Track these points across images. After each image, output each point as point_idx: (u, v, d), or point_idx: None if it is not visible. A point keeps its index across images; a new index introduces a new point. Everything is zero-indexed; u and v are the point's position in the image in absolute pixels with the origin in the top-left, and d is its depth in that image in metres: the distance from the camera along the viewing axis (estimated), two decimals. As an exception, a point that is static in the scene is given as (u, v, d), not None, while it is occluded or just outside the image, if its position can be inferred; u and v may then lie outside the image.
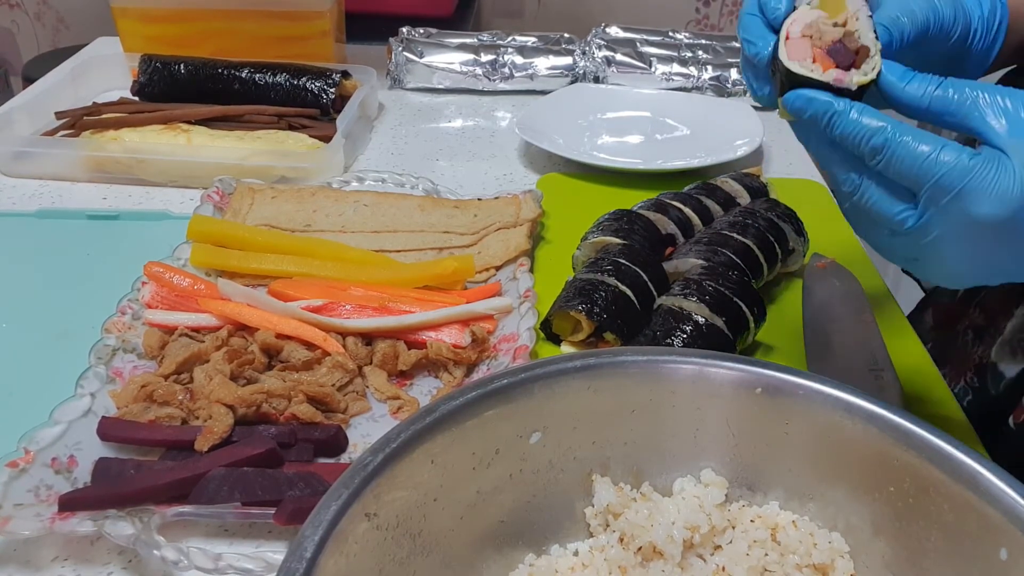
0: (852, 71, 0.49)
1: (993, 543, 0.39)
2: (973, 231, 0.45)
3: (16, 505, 0.51)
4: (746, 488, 0.48)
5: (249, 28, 1.15)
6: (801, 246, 0.79)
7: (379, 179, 0.92)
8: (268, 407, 0.60)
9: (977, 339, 0.78)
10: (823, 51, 0.51)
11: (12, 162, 0.95)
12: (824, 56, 0.51)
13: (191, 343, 0.65)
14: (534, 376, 0.46)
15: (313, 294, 0.70)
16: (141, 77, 1.07)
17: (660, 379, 0.47)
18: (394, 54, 1.20)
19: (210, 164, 0.91)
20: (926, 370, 0.69)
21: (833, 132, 0.47)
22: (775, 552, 0.45)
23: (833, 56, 0.50)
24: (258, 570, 0.48)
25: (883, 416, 0.43)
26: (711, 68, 1.18)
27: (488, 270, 0.77)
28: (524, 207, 0.84)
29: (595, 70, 1.19)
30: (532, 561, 0.46)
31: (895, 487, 0.43)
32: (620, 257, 0.71)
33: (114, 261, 0.79)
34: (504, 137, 1.10)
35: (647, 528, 0.45)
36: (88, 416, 0.57)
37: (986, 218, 0.44)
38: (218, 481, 0.52)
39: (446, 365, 0.66)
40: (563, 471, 0.47)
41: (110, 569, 0.51)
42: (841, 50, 0.50)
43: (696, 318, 0.65)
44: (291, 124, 1.02)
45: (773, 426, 0.47)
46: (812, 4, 0.53)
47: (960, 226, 0.45)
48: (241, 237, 0.77)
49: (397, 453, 0.41)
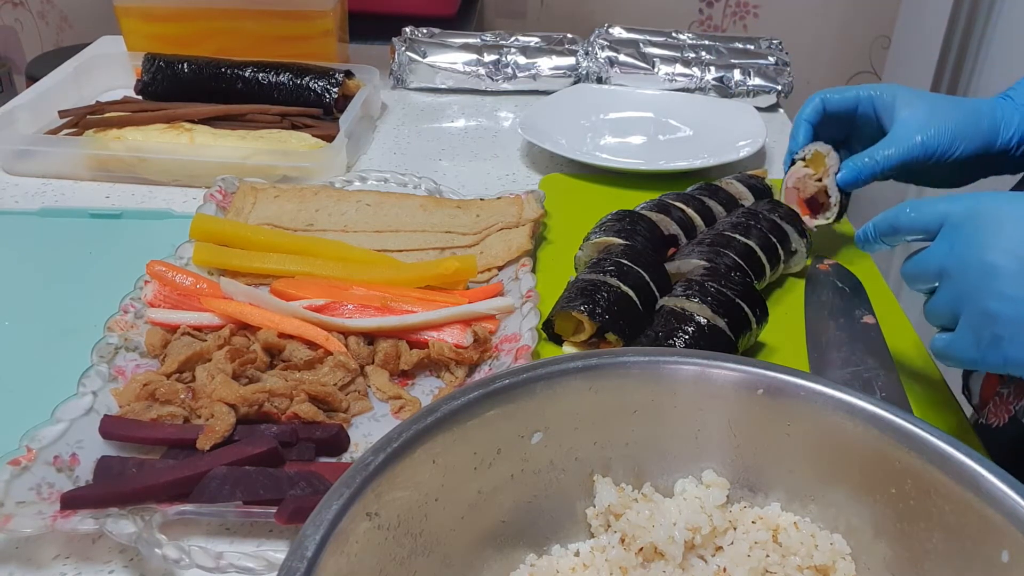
0: (817, 216, 0.80)
1: (994, 545, 0.39)
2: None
3: (18, 503, 0.51)
4: (747, 489, 0.48)
5: (252, 27, 1.15)
6: (803, 247, 0.79)
7: (381, 179, 0.92)
8: (270, 406, 0.60)
9: None
10: (802, 200, 0.81)
11: (15, 160, 0.95)
12: (802, 203, 0.81)
13: (193, 342, 0.65)
14: (536, 376, 0.46)
15: (315, 293, 0.70)
16: (144, 76, 1.07)
17: (662, 380, 0.47)
18: (397, 54, 1.21)
19: (213, 163, 0.91)
20: (928, 372, 0.69)
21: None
22: (776, 553, 0.45)
23: (808, 204, 0.81)
24: (259, 569, 0.48)
25: (885, 418, 0.43)
26: (714, 69, 1.18)
27: (490, 270, 0.77)
28: (526, 207, 0.84)
29: (598, 71, 1.19)
30: (533, 561, 0.46)
31: (896, 488, 0.43)
32: (622, 258, 0.71)
33: (116, 260, 0.80)
34: (507, 137, 1.10)
35: (648, 529, 0.45)
36: (90, 414, 0.57)
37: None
38: (219, 480, 0.52)
39: (448, 365, 0.66)
40: (564, 471, 0.47)
41: (111, 567, 0.51)
42: (814, 201, 0.80)
43: (698, 319, 0.65)
44: (294, 123, 1.02)
45: (774, 427, 0.47)
46: (805, 160, 0.80)
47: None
48: (243, 236, 0.77)
49: (398, 453, 0.41)
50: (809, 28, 2.27)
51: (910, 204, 0.55)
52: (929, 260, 0.53)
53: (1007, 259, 0.48)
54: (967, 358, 0.51)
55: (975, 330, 0.50)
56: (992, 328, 0.49)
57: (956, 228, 0.51)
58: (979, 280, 0.49)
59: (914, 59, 1.92)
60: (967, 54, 1.68)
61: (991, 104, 0.70)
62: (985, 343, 0.49)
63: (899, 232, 0.56)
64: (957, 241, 0.51)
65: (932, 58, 1.76)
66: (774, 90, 1.17)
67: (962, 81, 1.71)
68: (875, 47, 2.31)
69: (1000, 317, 0.48)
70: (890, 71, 2.22)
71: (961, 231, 0.51)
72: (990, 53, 1.63)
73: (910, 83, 1.94)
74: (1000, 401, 0.72)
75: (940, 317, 0.53)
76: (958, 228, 0.51)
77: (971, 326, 0.50)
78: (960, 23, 1.66)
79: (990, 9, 1.60)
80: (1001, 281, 0.48)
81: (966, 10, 1.64)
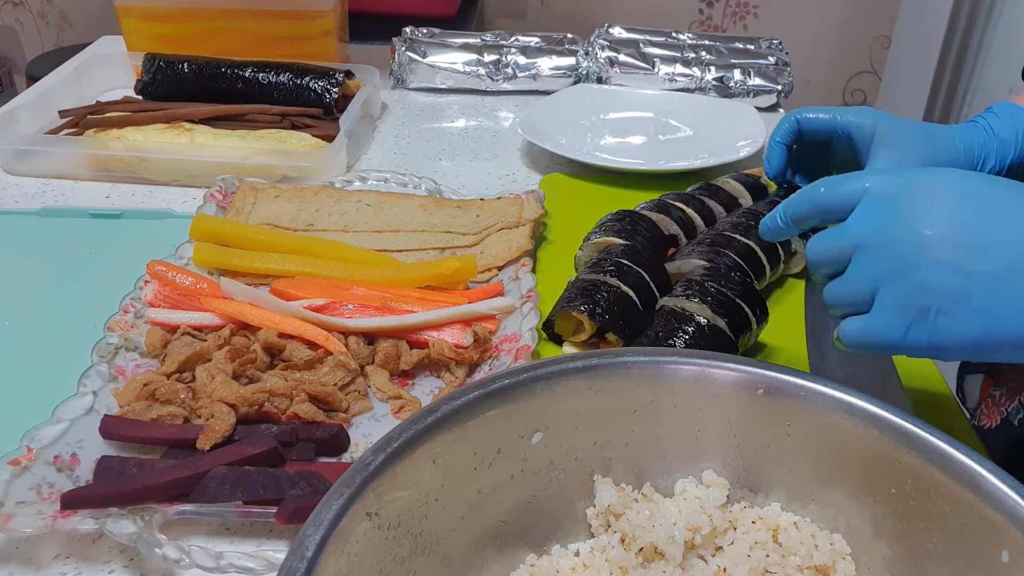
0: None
1: (994, 545, 0.39)
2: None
3: (18, 503, 0.51)
4: (747, 489, 0.48)
5: (252, 27, 1.15)
6: (803, 248, 0.79)
7: (381, 179, 0.92)
8: (270, 406, 0.60)
9: None
10: None
11: (15, 160, 0.95)
12: None
13: (193, 342, 0.65)
14: (536, 376, 0.46)
15: (315, 293, 0.70)
16: (144, 76, 1.07)
17: (662, 380, 0.47)
18: (397, 54, 1.21)
19: (213, 163, 0.91)
20: (928, 372, 0.69)
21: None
22: (776, 553, 0.45)
23: None
24: (259, 569, 0.48)
25: (885, 418, 0.43)
26: (714, 69, 1.18)
27: (490, 270, 0.77)
28: (526, 207, 0.84)
29: (598, 71, 1.19)
30: (533, 561, 0.46)
31: (897, 489, 0.43)
32: (622, 258, 0.71)
33: (117, 260, 0.80)
34: (507, 137, 1.10)
35: (648, 529, 0.45)
36: (90, 414, 0.57)
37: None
38: (220, 480, 0.52)
39: (448, 365, 0.66)
40: (564, 471, 0.47)
41: (111, 567, 0.51)
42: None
43: (698, 319, 0.65)
44: (294, 123, 1.02)
45: (775, 427, 0.47)
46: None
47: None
48: (243, 236, 0.77)
49: (398, 453, 0.41)
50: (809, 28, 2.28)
51: (823, 182, 0.51)
52: (844, 235, 0.48)
53: (941, 226, 0.45)
54: (887, 340, 0.47)
55: (900, 306, 0.45)
56: (922, 301, 0.45)
57: (879, 199, 0.47)
58: (908, 250, 0.45)
59: (914, 59, 1.92)
60: (967, 54, 1.68)
61: (968, 137, 0.66)
62: (911, 319, 0.45)
63: (814, 211, 0.51)
64: (880, 213, 0.47)
65: (932, 58, 1.76)
66: (774, 90, 1.17)
67: (962, 81, 1.71)
68: (875, 47, 2.31)
69: (933, 287, 0.44)
70: (890, 71, 2.22)
71: (885, 202, 0.47)
72: (990, 53, 1.63)
73: (910, 83, 1.94)
74: (992, 403, 0.72)
75: (851, 298, 0.48)
76: (881, 199, 0.47)
77: (896, 302, 0.46)
78: (960, 23, 1.66)
79: (990, 9, 1.60)
80: (935, 249, 0.44)
81: (966, 10, 1.64)
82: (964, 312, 0.44)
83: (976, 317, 0.43)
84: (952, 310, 0.44)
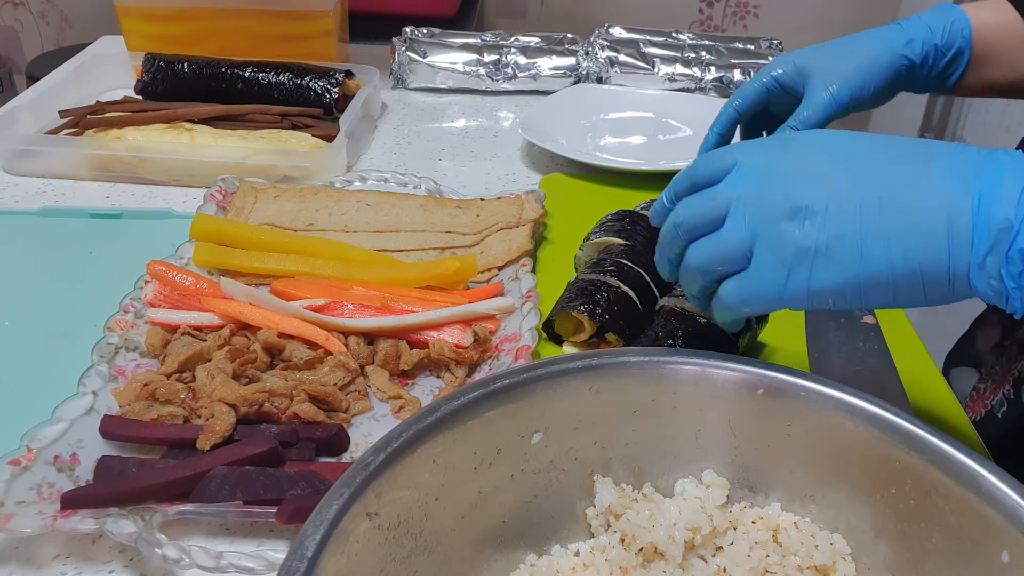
0: None
1: (994, 545, 0.39)
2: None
3: (18, 503, 0.51)
4: (747, 489, 0.48)
5: (252, 27, 1.15)
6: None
7: (382, 179, 0.92)
8: (270, 406, 0.60)
9: (1020, 354, 0.77)
10: None
11: (15, 160, 0.95)
12: None
13: (193, 342, 0.65)
14: (536, 376, 0.46)
15: (315, 293, 0.70)
16: (144, 76, 1.07)
17: (662, 380, 0.47)
18: (397, 54, 1.21)
19: (213, 163, 0.91)
20: (928, 372, 0.69)
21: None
22: (776, 553, 0.45)
23: None
24: (259, 569, 0.48)
25: (885, 418, 0.43)
26: (714, 69, 1.18)
27: (490, 270, 0.77)
28: (526, 207, 0.84)
29: (598, 71, 1.19)
30: (533, 561, 0.46)
31: (897, 489, 0.43)
32: (622, 258, 0.71)
33: (117, 259, 0.80)
34: (507, 137, 1.10)
35: (648, 529, 0.45)
36: (90, 414, 0.57)
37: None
38: (220, 480, 0.52)
39: (448, 365, 0.66)
40: (564, 471, 0.47)
41: (112, 567, 0.51)
42: None
43: (698, 319, 0.65)
44: (294, 123, 1.02)
45: (775, 427, 0.47)
46: None
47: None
48: (244, 236, 0.77)
49: (399, 452, 0.41)
50: (809, 28, 2.27)
51: (701, 157, 0.52)
52: (718, 193, 0.48)
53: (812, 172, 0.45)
54: (769, 291, 0.46)
55: (778, 253, 0.45)
56: (800, 243, 0.44)
57: (751, 161, 0.48)
58: (783, 198, 0.45)
59: (914, 59, 1.92)
60: (967, 54, 1.68)
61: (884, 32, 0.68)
62: (790, 264, 0.45)
63: (692, 184, 0.51)
64: (753, 171, 0.47)
65: (932, 58, 1.75)
66: (774, 90, 1.17)
67: (962, 81, 1.71)
68: (875, 47, 2.31)
69: (809, 230, 0.44)
70: (890, 71, 2.21)
71: (757, 161, 0.48)
72: (990, 53, 1.63)
73: (910, 83, 1.93)
74: (977, 396, 0.71)
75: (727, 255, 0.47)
76: (753, 159, 0.48)
77: (771, 248, 0.45)
78: (960, 23, 1.66)
79: (990, 9, 1.60)
80: (807, 195, 0.44)
81: (966, 10, 1.64)
82: (842, 251, 0.43)
83: (854, 255, 0.43)
84: (830, 251, 0.44)
